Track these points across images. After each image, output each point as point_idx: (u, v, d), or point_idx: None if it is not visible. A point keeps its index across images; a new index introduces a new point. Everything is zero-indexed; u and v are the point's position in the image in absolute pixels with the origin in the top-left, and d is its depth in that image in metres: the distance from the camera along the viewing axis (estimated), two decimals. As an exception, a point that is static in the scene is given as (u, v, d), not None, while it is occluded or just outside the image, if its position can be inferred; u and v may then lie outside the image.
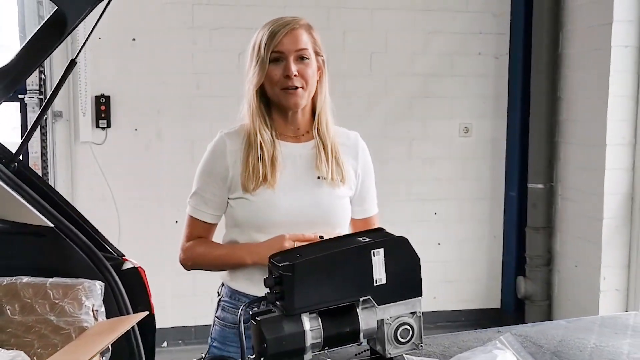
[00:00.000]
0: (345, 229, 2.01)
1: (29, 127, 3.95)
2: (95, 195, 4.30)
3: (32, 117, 4.11)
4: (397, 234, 1.58)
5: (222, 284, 2.07)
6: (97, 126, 4.31)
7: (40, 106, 4.12)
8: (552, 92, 4.48)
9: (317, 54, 1.97)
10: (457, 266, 4.97)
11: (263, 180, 1.91)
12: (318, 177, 1.96)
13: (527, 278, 4.70)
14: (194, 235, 2.03)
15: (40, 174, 3.95)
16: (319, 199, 1.95)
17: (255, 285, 1.87)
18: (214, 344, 2.04)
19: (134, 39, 4.33)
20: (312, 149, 1.99)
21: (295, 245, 1.81)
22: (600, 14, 4.06)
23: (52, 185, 3.48)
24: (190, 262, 2.04)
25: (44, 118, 4.09)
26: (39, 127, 3.98)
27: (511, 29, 4.80)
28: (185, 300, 4.46)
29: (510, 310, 4.87)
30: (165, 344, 4.41)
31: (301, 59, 1.92)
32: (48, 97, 2.29)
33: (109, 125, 4.32)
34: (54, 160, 4.25)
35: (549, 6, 4.40)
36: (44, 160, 4.15)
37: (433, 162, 4.84)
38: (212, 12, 4.41)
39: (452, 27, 4.75)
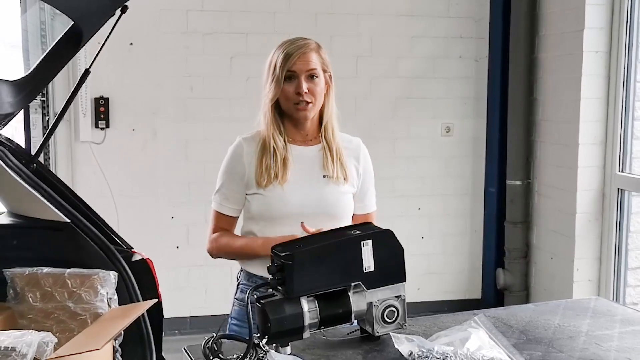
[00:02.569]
0: (348, 222, 2.20)
1: (31, 128, 4.09)
2: (94, 192, 4.31)
3: (34, 118, 4.17)
4: (383, 227, 1.77)
5: (241, 269, 2.26)
6: (97, 126, 4.35)
7: (42, 107, 4.21)
8: (528, 93, 4.56)
9: (324, 71, 2.18)
10: (440, 259, 5.04)
11: (275, 178, 2.12)
12: (324, 176, 2.17)
13: (506, 270, 4.77)
14: (219, 227, 2.22)
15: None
16: (324, 194, 2.16)
17: None
18: (233, 322, 2.22)
19: (131, 44, 4.38)
20: (319, 152, 2.20)
21: None
22: (573, 21, 4.14)
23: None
24: (215, 251, 2.22)
25: (46, 119, 4.17)
26: (41, 128, 4.10)
27: (490, 34, 4.85)
28: (180, 292, 4.52)
29: (491, 300, 4.90)
30: (161, 334, 4.51)
31: (311, 77, 2.13)
32: (64, 104, 2.42)
33: (107, 126, 4.37)
34: (56, 159, 4.30)
35: (526, 13, 4.48)
36: (46, 159, 4.19)
37: (416, 160, 4.90)
38: (205, 18, 4.47)
39: (435, 31, 4.80)
